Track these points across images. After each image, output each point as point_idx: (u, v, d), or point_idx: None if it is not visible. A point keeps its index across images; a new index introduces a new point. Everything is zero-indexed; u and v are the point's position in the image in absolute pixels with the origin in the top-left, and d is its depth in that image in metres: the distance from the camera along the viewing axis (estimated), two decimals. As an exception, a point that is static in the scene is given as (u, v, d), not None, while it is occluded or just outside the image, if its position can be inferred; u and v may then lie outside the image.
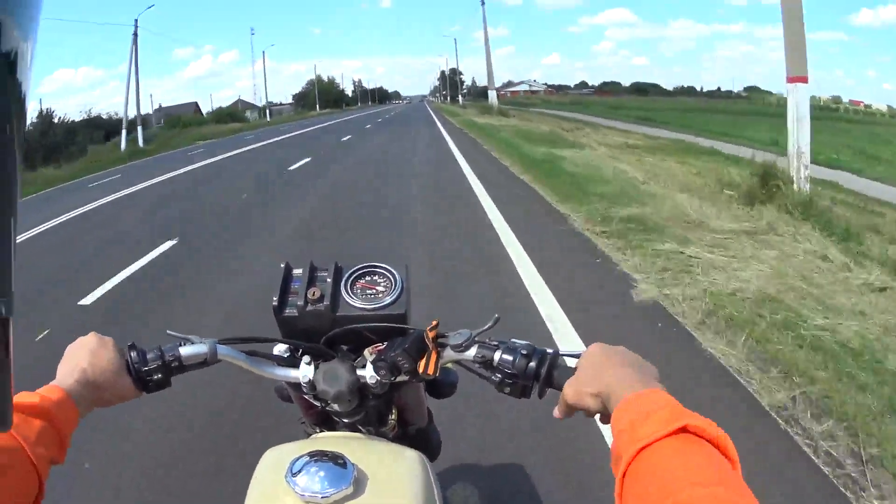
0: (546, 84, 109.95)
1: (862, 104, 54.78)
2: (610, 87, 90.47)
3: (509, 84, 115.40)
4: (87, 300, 4.77)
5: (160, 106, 79.08)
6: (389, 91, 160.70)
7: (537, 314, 3.65)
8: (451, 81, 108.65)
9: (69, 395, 0.76)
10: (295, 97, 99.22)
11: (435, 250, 5.39)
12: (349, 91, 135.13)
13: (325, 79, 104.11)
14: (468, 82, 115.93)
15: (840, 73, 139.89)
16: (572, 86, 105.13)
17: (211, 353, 0.89)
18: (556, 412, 0.78)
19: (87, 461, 2.43)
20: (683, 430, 0.57)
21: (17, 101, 0.32)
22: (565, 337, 3.29)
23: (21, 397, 0.72)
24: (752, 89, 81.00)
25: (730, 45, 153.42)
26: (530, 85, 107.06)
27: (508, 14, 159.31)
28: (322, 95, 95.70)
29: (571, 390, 0.75)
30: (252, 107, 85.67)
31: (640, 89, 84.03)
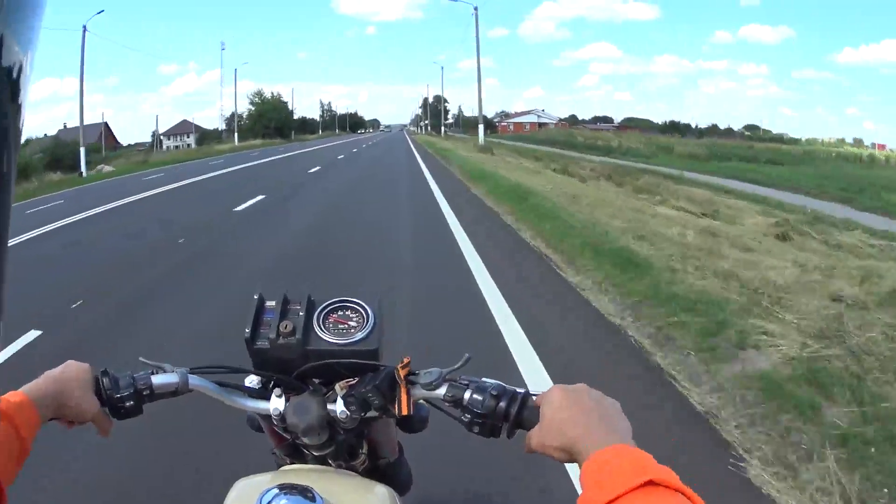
0: (559, 118, 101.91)
1: (886, 148, 54.88)
2: (636, 123, 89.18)
3: (509, 115, 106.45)
4: None
5: (65, 126, 69.65)
6: (367, 119, 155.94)
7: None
8: (434, 110, 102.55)
9: (31, 400, 0.82)
10: (227, 120, 73.99)
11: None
12: (314, 115, 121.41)
13: (270, 95, 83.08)
14: (454, 111, 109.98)
15: (820, 111, 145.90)
16: (585, 119, 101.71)
17: (182, 382, 0.95)
18: (525, 450, 0.82)
19: None
20: (649, 483, 0.61)
21: (15, 113, 0.33)
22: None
23: None
24: (751, 127, 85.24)
25: (714, 82, 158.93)
26: (539, 115, 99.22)
27: (493, 46, 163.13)
28: (262, 119, 76.98)
29: (536, 441, 0.79)
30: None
31: (674, 126, 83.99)
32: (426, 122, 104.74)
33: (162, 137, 79.26)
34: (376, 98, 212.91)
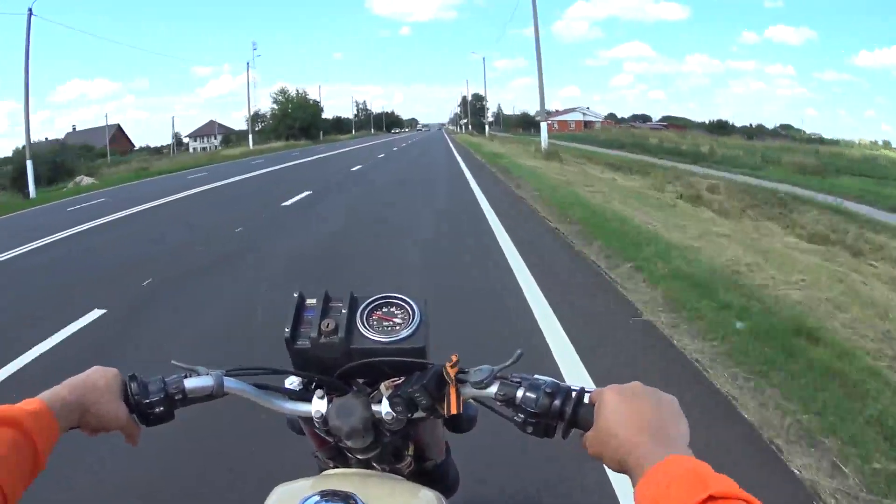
0: (607, 115, 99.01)
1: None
2: (680, 122, 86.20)
3: (552, 113, 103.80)
4: None
5: (74, 128, 72.80)
6: (404, 118, 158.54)
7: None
8: (473, 108, 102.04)
9: (49, 408, 0.78)
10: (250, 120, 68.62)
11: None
12: (348, 114, 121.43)
13: (294, 93, 78.81)
14: (493, 109, 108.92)
15: (842, 112, 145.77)
16: (624, 117, 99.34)
17: (217, 386, 0.93)
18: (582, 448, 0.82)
19: None
20: (710, 498, 0.59)
21: None
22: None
23: None
24: (786, 127, 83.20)
25: (744, 82, 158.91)
26: (584, 113, 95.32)
27: (527, 45, 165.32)
28: (286, 119, 74.41)
29: (591, 448, 0.79)
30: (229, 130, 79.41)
31: (721, 125, 79.78)
32: (465, 120, 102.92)
33: (187, 139, 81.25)
34: (412, 98, 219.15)
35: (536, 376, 0.88)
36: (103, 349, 4.66)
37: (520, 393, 0.86)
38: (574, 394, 0.84)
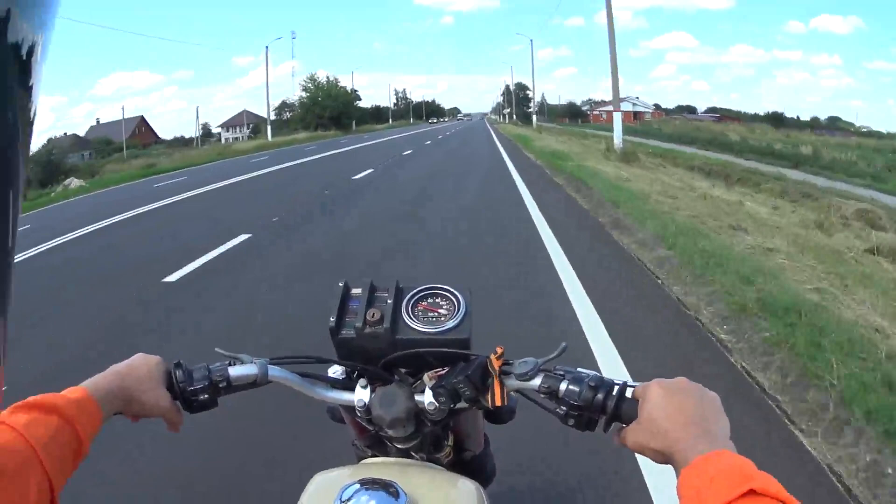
0: (655, 105, 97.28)
1: None
2: (732, 114, 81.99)
3: (599, 103, 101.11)
4: None
5: (98, 122, 70.27)
6: (446, 107, 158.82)
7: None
8: (517, 97, 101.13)
9: (92, 396, 0.82)
10: (276, 110, 73.57)
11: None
12: (387, 103, 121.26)
13: (324, 80, 74.70)
14: (537, 98, 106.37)
15: (892, 102, 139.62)
16: (669, 108, 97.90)
17: (261, 374, 0.97)
18: (617, 443, 0.84)
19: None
20: (751, 492, 0.62)
21: (24, 99, 0.34)
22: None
23: (38, 397, 0.76)
24: (834, 119, 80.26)
25: (788, 73, 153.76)
26: (633, 103, 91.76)
27: (570, 35, 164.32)
28: (315, 108, 70.79)
29: (632, 439, 0.81)
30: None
31: (777, 118, 75.76)
32: (508, 110, 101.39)
33: (219, 129, 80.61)
34: (454, 88, 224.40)
35: (580, 370, 0.90)
36: (253, 253, 7.66)
37: (563, 386, 0.88)
38: (617, 388, 0.86)
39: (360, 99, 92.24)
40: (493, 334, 3.00)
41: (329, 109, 70.71)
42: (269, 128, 54.62)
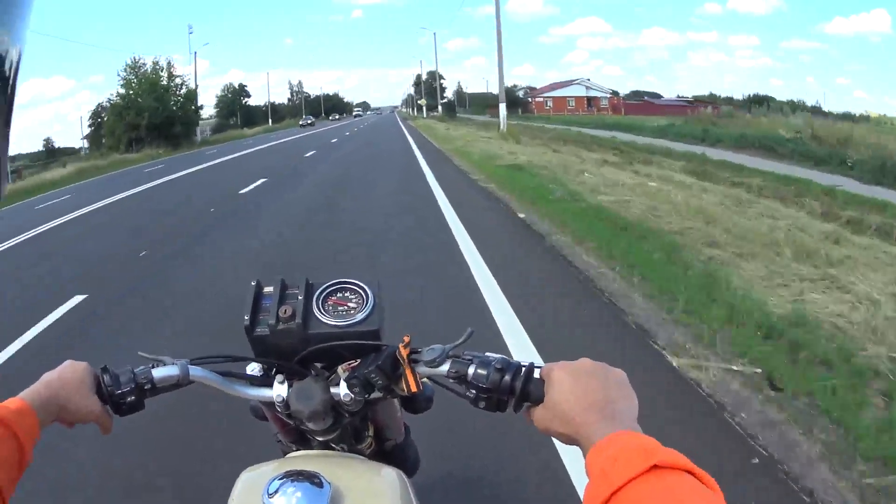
0: (611, 90, 79.31)
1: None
2: (706, 99, 63.72)
3: (547, 87, 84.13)
4: None
5: None
6: (355, 102, 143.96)
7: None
8: (429, 88, 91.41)
9: (30, 405, 0.85)
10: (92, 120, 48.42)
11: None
12: (281, 100, 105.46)
13: (150, 68, 49.10)
14: (452, 88, 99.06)
15: (811, 80, 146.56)
16: (628, 92, 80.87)
17: (183, 374, 0.98)
18: (528, 421, 0.88)
19: None
20: (655, 467, 0.64)
21: (3, 109, 0.35)
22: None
23: None
24: (761, 98, 63.10)
25: (704, 54, 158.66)
26: (587, 87, 78.32)
27: (480, 25, 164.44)
28: (128, 114, 45.51)
29: (539, 422, 0.84)
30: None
31: (760, 101, 62.02)
32: (421, 101, 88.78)
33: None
34: (365, 82, 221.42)
35: (487, 354, 0.93)
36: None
37: (471, 370, 0.91)
38: (524, 370, 0.88)
39: (248, 96, 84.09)
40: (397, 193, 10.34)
41: (150, 115, 45.90)
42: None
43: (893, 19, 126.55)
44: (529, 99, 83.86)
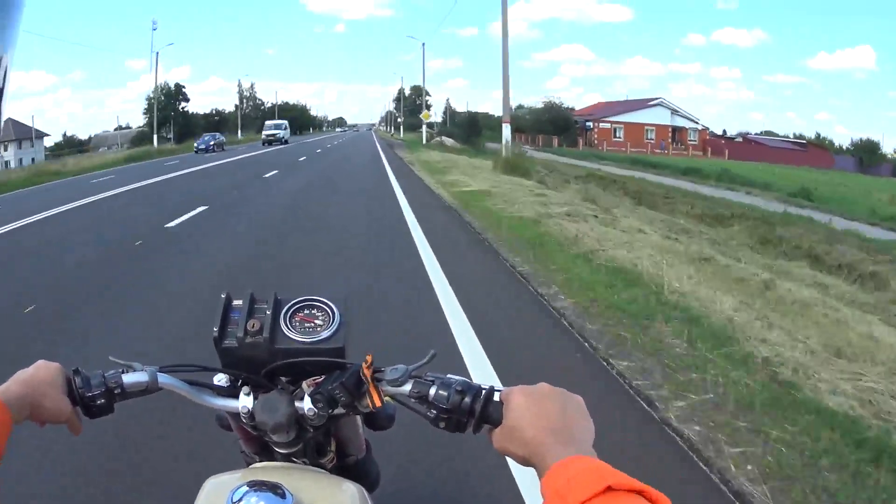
0: (708, 127, 59.84)
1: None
2: (816, 142, 56.24)
3: (597, 105, 63.40)
4: None
5: None
6: (329, 117, 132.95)
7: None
8: (412, 104, 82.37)
9: (2, 402, 0.86)
10: None
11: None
12: (229, 106, 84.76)
13: None
14: (441, 106, 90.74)
15: (792, 115, 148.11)
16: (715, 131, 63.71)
17: (152, 381, 1.00)
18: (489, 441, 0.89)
19: None
20: (608, 489, 0.66)
21: None
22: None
23: None
24: (873, 145, 59.76)
25: (686, 86, 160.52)
26: (673, 110, 57.63)
27: (463, 46, 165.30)
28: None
29: (498, 444, 0.86)
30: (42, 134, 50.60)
31: (871, 149, 55.17)
32: (400, 118, 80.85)
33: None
34: (343, 96, 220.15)
35: (449, 375, 0.95)
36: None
37: (432, 391, 0.93)
38: (483, 392, 0.90)
39: (186, 100, 70.40)
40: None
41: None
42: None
43: (879, 55, 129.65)
44: (589, 124, 60.99)
